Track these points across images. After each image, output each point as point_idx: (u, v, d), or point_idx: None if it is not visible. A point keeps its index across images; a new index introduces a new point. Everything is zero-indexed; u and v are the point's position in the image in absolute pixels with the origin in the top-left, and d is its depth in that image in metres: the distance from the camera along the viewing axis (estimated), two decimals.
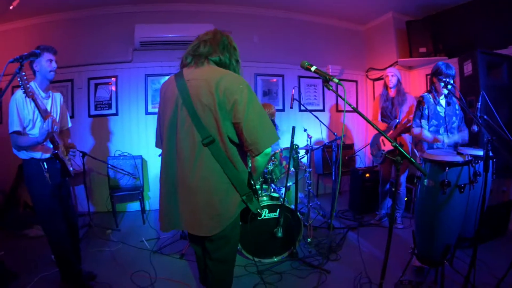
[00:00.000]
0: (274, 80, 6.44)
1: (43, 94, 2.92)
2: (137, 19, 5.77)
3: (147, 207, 5.95)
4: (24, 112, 2.74)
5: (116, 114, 5.90)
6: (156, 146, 2.27)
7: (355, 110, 2.00)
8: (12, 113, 2.74)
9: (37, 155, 2.88)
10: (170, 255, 3.91)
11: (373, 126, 2.05)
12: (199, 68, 2.02)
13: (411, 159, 1.83)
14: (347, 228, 4.50)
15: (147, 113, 5.97)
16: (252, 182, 2.14)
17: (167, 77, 5.61)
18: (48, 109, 2.95)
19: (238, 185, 2.02)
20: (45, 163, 2.88)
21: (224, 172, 1.97)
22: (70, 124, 3.38)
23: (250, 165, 2.18)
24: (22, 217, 5.25)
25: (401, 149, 1.85)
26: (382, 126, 4.55)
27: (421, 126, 3.59)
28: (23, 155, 2.89)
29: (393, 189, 2.70)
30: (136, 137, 5.95)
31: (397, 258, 3.28)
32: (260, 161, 2.02)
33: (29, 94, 2.46)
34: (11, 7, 4.99)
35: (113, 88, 5.95)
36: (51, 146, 2.85)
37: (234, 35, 5.87)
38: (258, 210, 2.15)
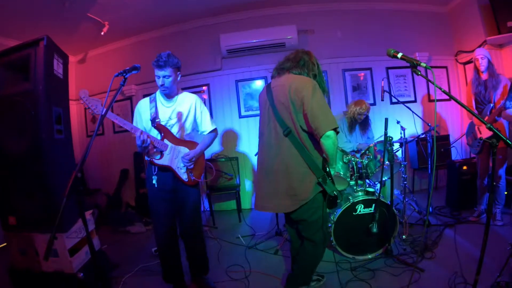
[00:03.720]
0: (362, 74, 6.36)
1: (164, 101, 3.08)
2: (221, 29, 6.14)
3: (243, 207, 6.23)
4: (142, 117, 3.08)
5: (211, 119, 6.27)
6: None
7: (446, 93, 2.04)
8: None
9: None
10: (264, 250, 4.09)
11: (464, 107, 2.03)
12: (281, 77, 2.67)
13: (507, 140, 1.78)
14: (444, 225, 4.31)
15: (240, 116, 6.26)
16: (326, 166, 2.59)
17: (256, 81, 5.95)
18: (167, 116, 3.05)
19: (314, 169, 2.47)
20: (156, 167, 3.03)
21: (301, 157, 2.47)
22: (205, 129, 3.28)
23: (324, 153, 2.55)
24: (124, 215, 5.85)
25: (495, 130, 1.81)
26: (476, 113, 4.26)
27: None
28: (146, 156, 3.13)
29: (492, 182, 2.53)
30: (232, 140, 6.29)
31: (495, 257, 3.08)
32: (325, 144, 2.39)
33: (94, 114, 2.65)
34: (102, 33, 5.67)
35: (205, 97, 6.36)
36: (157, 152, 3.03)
37: (318, 33, 6.02)
38: (335, 192, 2.51)
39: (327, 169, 2.59)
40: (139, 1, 5.28)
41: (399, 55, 2.12)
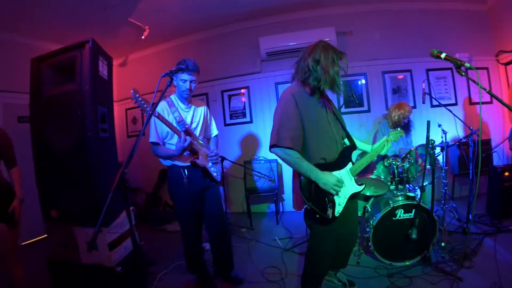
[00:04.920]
0: (401, 76, 6.29)
1: (182, 106, 3.20)
2: (260, 32, 6.24)
3: (281, 209, 6.33)
4: (162, 126, 3.01)
5: (250, 121, 6.47)
6: None
7: (490, 93, 2.09)
8: (151, 125, 3.11)
9: (178, 162, 3.18)
10: (301, 253, 4.15)
11: (505, 105, 2.06)
12: None
13: None
14: (484, 234, 4.22)
15: None
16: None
17: None
18: (188, 120, 3.20)
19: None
20: (185, 170, 3.17)
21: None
22: (213, 133, 3.58)
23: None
24: (162, 214, 6.03)
25: None
26: None
27: None
28: (167, 162, 3.25)
29: None
30: None
31: None
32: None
33: (149, 113, 2.59)
34: (142, 37, 5.87)
35: (243, 99, 6.50)
36: (188, 154, 3.14)
37: (356, 35, 6.07)
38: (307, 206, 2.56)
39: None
40: (178, 5, 5.43)
41: (443, 55, 2.14)
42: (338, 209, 2.56)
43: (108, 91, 3.41)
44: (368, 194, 4.18)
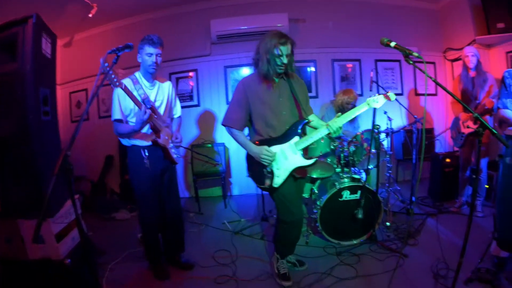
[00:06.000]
0: (351, 65, 6.41)
1: (147, 84, 3.04)
2: (212, 14, 6.06)
3: (228, 193, 6.26)
4: (125, 102, 2.90)
5: (198, 105, 6.30)
6: None
7: (436, 82, 2.16)
8: (114, 102, 2.94)
9: (138, 142, 3.03)
10: (251, 235, 4.13)
11: (453, 96, 2.14)
12: None
13: (493, 129, 1.83)
14: (426, 214, 4.43)
15: (228, 103, 6.18)
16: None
17: (245, 68, 5.92)
18: (153, 98, 3.05)
19: None
20: (146, 150, 3.03)
21: None
22: (178, 114, 3.47)
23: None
24: (109, 202, 5.79)
25: (481, 119, 1.87)
26: (461, 108, 4.37)
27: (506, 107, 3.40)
28: (126, 142, 3.07)
29: (477, 165, 2.64)
30: (219, 126, 6.25)
31: (476, 247, 3.16)
32: None
33: (117, 85, 2.56)
34: (90, 15, 5.48)
35: (191, 83, 6.36)
36: (151, 133, 3.01)
37: (308, 22, 6.05)
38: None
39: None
40: None
41: (392, 44, 2.18)
42: (277, 181, 2.75)
43: (51, 71, 3.10)
44: (314, 176, 4.20)
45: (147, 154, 3.04)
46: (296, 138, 2.75)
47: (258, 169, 2.79)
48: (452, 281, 2.11)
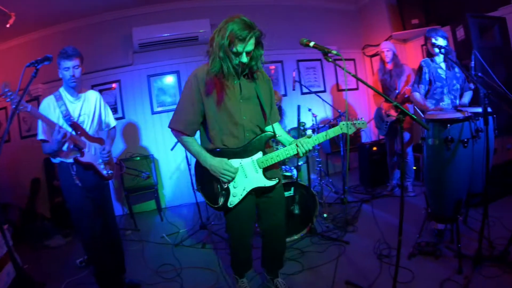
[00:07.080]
0: (273, 66, 6.52)
1: (71, 98, 2.91)
2: (134, 22, 5.87)
3: (163, 205, 6.05)
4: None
5: (123, 117, 6.02)
6: None
7: (355, 77, 2.20)
8: (38, 121, 2.76)
9: (65, 159, 2.86)
10: (192, 246, 4.02)
11: (372, 89, 2.24)
12: None
13: (412, 115, 1.90)
14: (361, 201, 4.61)
15: (153, 112, 6.06)
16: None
17: (169, 76, 5.67)
18: (77, 113, 2.92)
19: None
20: (74, 167, 2.86)
21: None
22: (112, 124, 3.28)
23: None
24: (41, 229, 5.33)
25: (401, 107, 1.93)
26: (382, 99, 4.64)
27: (418, 91, 3.68)
28: (55, 159, 2.90)
29: (402, 151, 2.93)
30: (145, 137, 6.06)
31: (413, 224, 3.38)
32: None
33: (21, 110, 2.39)
34: (7, 25, 5.04)
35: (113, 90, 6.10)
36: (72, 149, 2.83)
37: None
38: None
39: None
40: None
41: (311, 43, 2.23)
42: (232, 200, 2.36)
43: None
44: None
45: (75, 170, 2.86)
46: (259, 154, 2.38)
47: (210, 184, 2.39)
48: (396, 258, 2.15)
